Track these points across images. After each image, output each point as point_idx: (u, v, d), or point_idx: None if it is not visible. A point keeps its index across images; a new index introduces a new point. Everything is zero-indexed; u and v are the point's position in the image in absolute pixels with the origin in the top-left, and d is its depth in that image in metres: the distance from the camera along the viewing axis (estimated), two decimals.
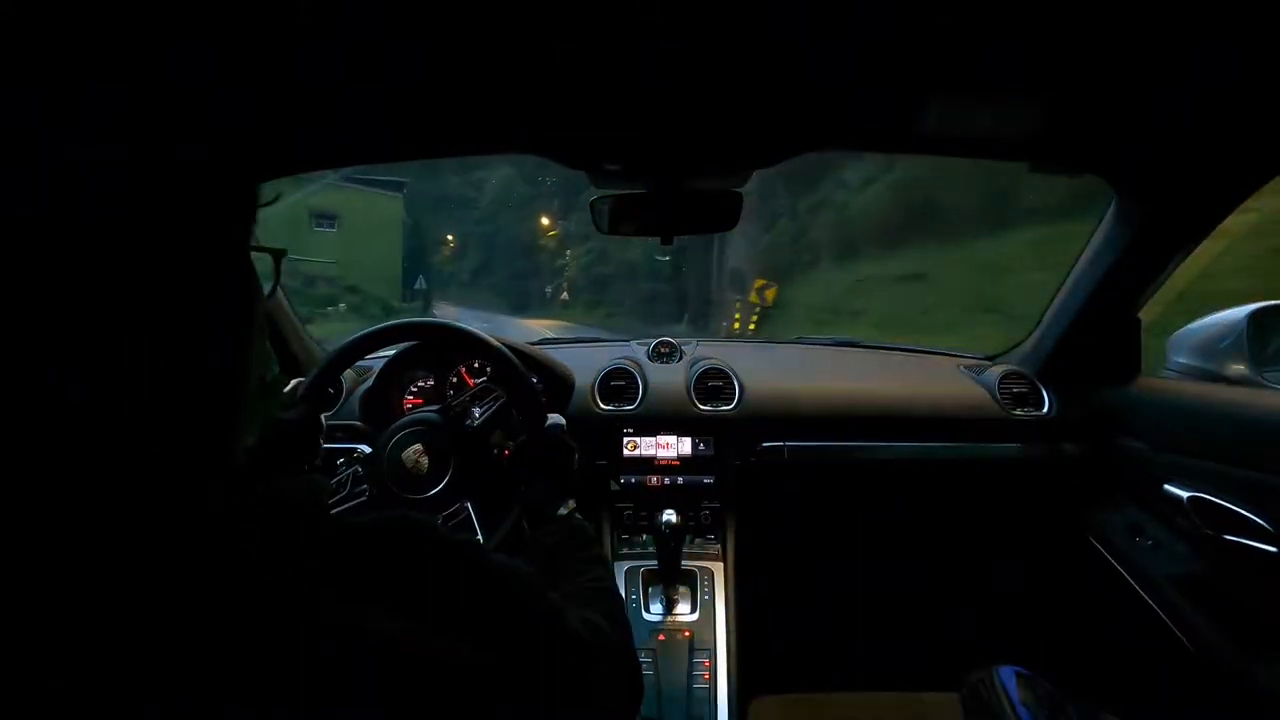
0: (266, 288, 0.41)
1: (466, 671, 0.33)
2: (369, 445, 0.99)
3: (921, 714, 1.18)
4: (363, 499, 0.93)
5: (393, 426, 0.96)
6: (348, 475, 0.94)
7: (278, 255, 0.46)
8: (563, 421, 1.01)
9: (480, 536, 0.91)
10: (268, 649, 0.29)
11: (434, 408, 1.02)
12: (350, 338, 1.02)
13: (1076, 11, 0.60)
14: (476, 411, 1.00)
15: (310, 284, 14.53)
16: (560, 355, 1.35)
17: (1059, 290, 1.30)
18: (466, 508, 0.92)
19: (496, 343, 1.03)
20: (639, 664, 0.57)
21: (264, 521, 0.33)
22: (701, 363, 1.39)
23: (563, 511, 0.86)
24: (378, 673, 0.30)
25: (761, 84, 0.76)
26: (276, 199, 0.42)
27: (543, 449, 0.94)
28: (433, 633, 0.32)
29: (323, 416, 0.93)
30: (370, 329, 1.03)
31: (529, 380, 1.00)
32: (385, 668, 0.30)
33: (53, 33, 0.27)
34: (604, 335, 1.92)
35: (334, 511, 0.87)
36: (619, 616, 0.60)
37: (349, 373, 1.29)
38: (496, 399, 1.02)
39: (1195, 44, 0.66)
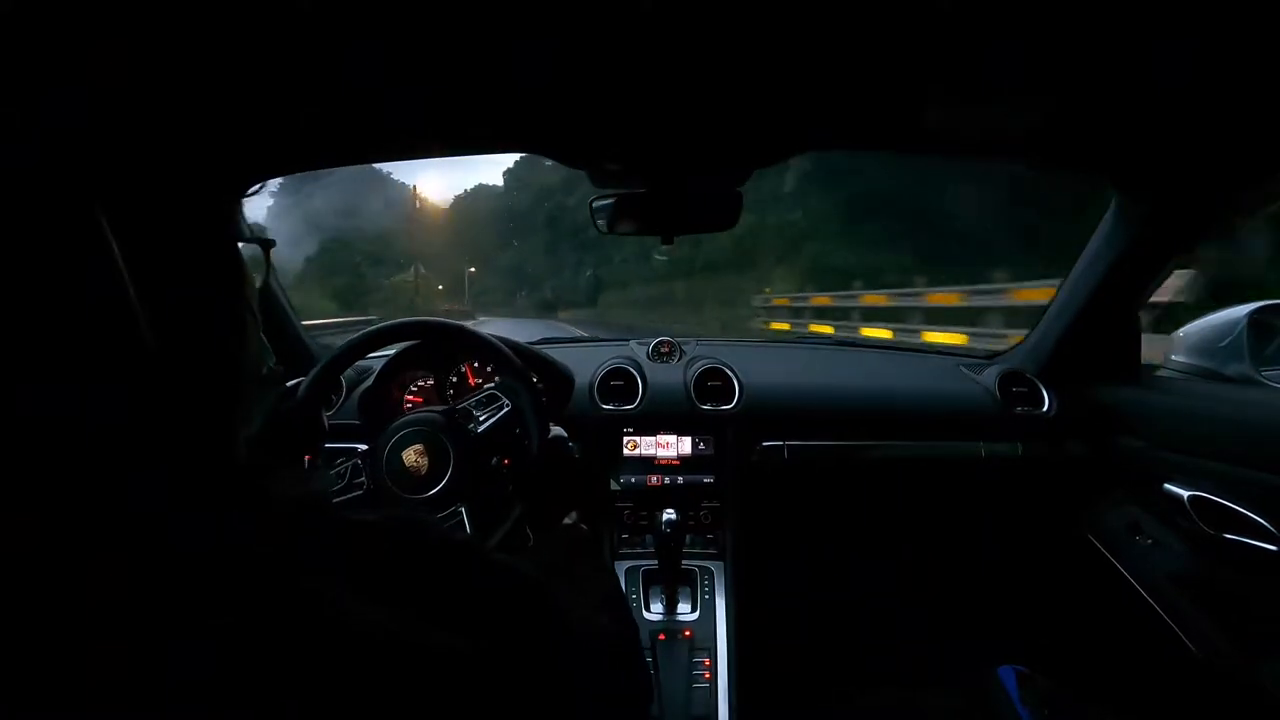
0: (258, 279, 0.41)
1: (469, 666, 0.33)
2: (368, 445, 0.99)
3: (921, 714, 1.18)
4: (359, 493, 0.92)
5: (394, 424, 0.96)
6: (347, 467, 0.93)
7: (267, 245, 0.46)
8: (564, 433, 1.00)
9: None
10: (267, 642, 0.28)
11: (437, 408, 1.01)
12: (352, 337, 1.02)
13: (1077, 11, 0.60)
14: (481, 416, 0.99)
15: None
16: (560, 355, 1.35)
17: (1059, 289, 1.30)
18: (460, 512, 0.91)
19: (497, 342, 1.02)
20: (648, 667, 0.58)
21: (268, 513, 0.33)
22: (701, 362, 1.38)
23: (566, 521, 0.87)
24: (377, 666, 0.30)
25: (762, 84, 0.76)
26: (260, 189, 0.43)
27: (544, 461, 0.94)
28: (434, 627, 0.32)
29: (324, 416, 0.93)
30: (371, 329, 1.03)
31: (530, 379, 1.00)
32: (384, 661, 0.30)
33: (58, 32, 0.27)
34: (603, 335, 1.93)
35: (335, 502, 0.88)
36: (627, 619, 0.61)
37: (348, 372, 1.29)
38: (501, 407, 1.01)
39: (1196, 43, 0.66)
